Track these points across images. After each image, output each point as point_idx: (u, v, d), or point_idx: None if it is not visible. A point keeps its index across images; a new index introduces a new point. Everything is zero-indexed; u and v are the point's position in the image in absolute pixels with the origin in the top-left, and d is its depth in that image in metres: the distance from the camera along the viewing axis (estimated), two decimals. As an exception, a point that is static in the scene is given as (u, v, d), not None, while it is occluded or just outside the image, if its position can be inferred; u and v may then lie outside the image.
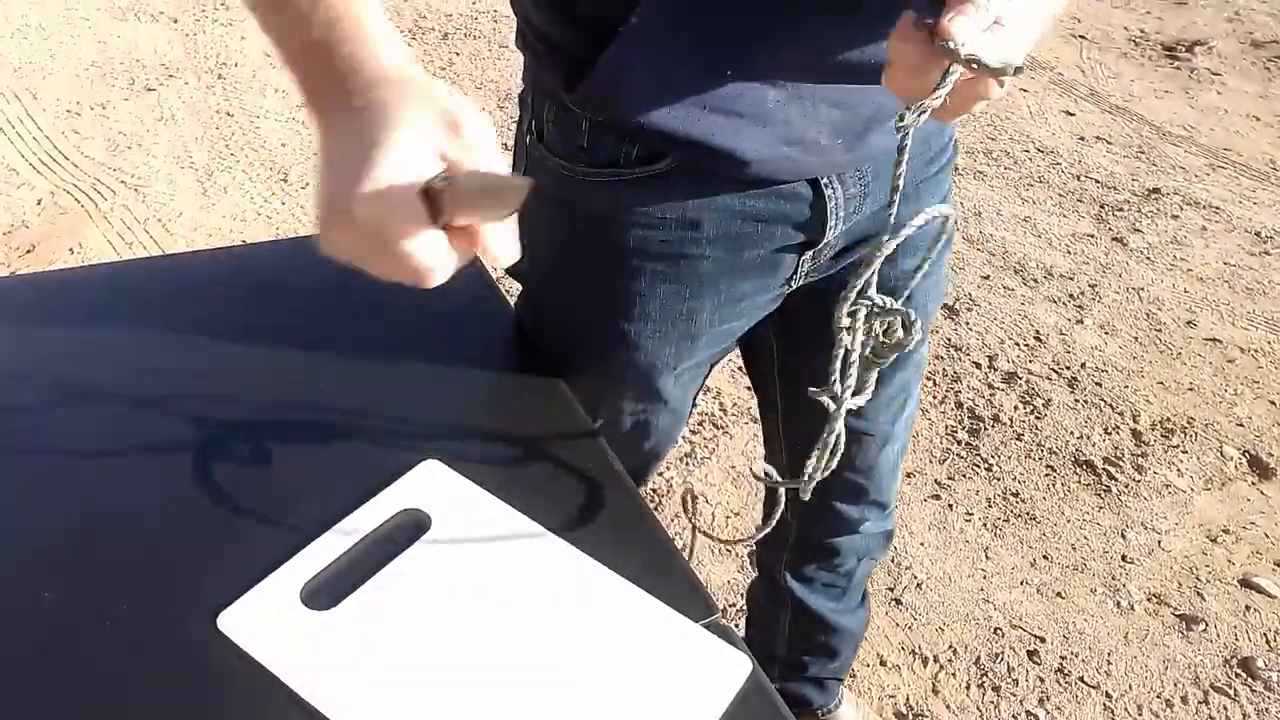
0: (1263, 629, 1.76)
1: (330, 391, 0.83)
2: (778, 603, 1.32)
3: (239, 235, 2.59)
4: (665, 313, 0.89)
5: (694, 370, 0.99)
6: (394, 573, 0.67)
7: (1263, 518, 1.98)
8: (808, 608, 1.29)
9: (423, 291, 0.56)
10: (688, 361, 0.95)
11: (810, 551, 1.24)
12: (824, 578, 1.27)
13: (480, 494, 0.73)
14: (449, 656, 0.62)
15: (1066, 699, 1.63)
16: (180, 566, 0.67)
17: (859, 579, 1.32)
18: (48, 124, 3.01)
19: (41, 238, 2.53)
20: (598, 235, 0.87)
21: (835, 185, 0.84)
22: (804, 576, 1.28)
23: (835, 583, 1.29)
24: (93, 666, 0.61)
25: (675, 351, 0.92)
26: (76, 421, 0.78)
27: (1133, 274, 2.67)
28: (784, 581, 1.29)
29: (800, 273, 0.91)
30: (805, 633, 1.34)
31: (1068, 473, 2.05)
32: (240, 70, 3.37)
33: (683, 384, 0.99)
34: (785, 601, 1.30)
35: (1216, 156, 3.25)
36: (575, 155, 0.83)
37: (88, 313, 0.90)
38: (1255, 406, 2.25)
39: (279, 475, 0.75)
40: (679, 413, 1.03)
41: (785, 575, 1.28)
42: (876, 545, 1.24)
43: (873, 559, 1.28)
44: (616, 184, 0.83)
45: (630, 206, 0.84)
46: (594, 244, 0.87)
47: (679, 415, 1.04)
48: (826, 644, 1.36)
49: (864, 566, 1.29)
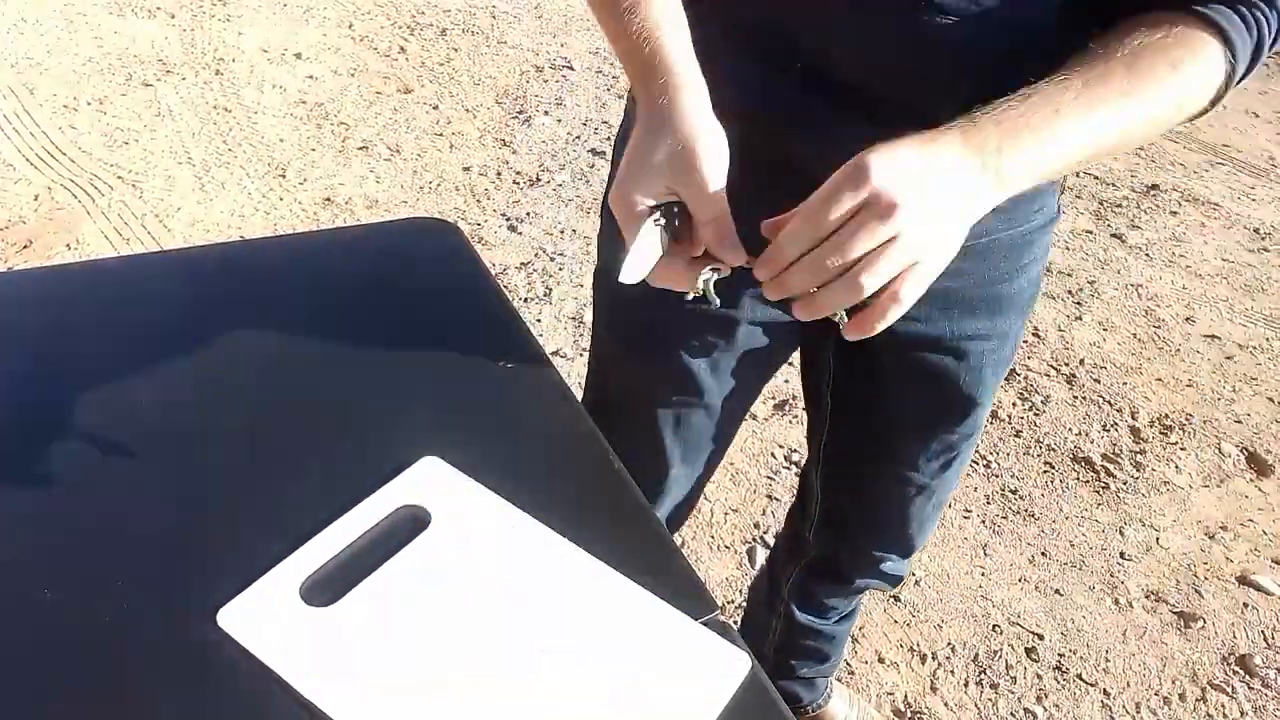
0: (1261, 626, 1.76)
1: (330, 388, 0.83)
2: (772, 610, 1.34)
3: (237, 231, 2.58)
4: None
5: (730, 366, 0.96)
6: (393, 569, 0.67)
7: (1261, 515, 1.98)
8: (800, 621, 1.31)
9: (422, 290, 0.56)
10: (724, 350, 0.94)
11: (822, 576, 1.25)
12: (828, 600, 1.28)
13: (480, 490, 0.72)
14: (448, 652, 0.62)
15: (1064, 696, 1.63)
16: (180, 562, 0.67)
17: (856, 603, 1.33)
18: (45, 119, 3.00)
19: (38, 233, 2.52)
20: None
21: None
22: (807, 596, 1.29)
23: (836, 605, 1.30)
24: (93, 663, 0.61)
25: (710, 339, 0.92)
26: (74, 418, 0.77)
27: (1131, 270, 2.67)
28: (784, 595, 1.30)
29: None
30: (795, 639, 1.35)
31: (1066, 469, 2.05)
32: (238, 66, 3.37)
33: (720, 380, 0.97)
34: (780, 611, 1.32)
35: (1215, 153, 3.25)
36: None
37: (85, 309, 0.90)
38: (1254, 403, 2.25)
39: (279, 471, 0.75)
40: (715, 418, 1.00)
41: (787, 591, 1.29)
42: (884, 584, 1.23)
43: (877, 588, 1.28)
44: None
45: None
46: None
47: (715, 422, 1.01)
48: (816, 649, 1.37)
49: (861, 597, 1.31)
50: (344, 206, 2.71)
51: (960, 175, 0.59)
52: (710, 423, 1.01)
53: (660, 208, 0.64)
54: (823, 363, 1.03)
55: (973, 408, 0.97)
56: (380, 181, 2.83)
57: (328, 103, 3.20)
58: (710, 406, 0.99)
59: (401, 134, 3.05)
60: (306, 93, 3.25)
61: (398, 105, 3.18)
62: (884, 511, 1.09)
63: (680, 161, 0.62)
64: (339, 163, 2.90)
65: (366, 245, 1.06)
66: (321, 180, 2.81)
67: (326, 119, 3.11)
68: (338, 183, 2.81)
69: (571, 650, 0.63)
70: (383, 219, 2.63)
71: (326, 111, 3.15)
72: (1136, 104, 0.63)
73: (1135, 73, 0.63)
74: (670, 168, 0.63)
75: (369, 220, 2.62)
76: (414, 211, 2.70)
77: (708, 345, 0.93)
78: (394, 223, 1.14)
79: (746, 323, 0.91)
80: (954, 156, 0.59)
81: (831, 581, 1.24)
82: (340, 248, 1.06)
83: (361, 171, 2.87)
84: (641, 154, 0.64)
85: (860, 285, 0.58)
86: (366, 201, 2.74)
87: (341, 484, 0.72)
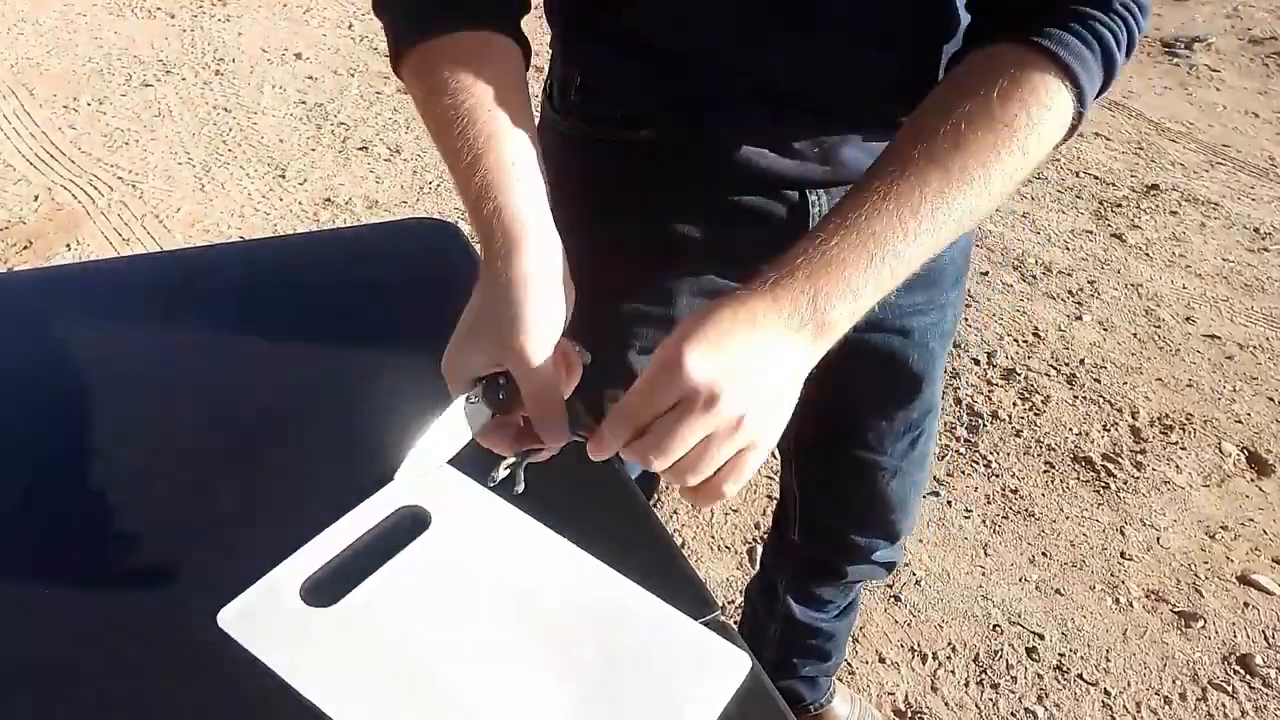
0: (1261, 626, 1.76)
1: (330, 387, 0.83)
2: (769, 611, 1.34)
3: (237, 231, 2.58)
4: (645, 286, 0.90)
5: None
6: (393, 570, 0.66)
7: (1261, 514, 1.98)
8: (798, 618, 1.31)
9: (423, 290, 0.56)
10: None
11: (816, 572, 1.26)
12: (824, 594, 1.29)
13: (480, 491, 0.72)
14: (448, 654, 0.62)
15: (1065, 696, 1.63)
16: (180, 563, 0.67)
17: (853, 598, 1.34)
18: (45, 120, 3.00)
19: (38, 234, 2.52)
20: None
21: (821, 196, 0.85)
22: (803, 593, 1.29)
23: (833, 599, 1.30)
24: (93, 663, 0.61)
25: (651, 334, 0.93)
26: (74, 418, 0.77)
27: (1131, 270, 2.67)
28: (780, 594, 1.30)
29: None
30: (795, 638, 1.35)
31: (1066, 469, 2.05)
32: (238, 66, 3.37)
33: None
34: (777, 612, 1.32)
35: (1215, 153, 3.25)
36: (568, 111, 0.86)
37: (85, 309, 0.90)
38: (1254, 403, 2.25)
39: (278, 472, 0.75)
40: None
41: (783, 590, 1.30)
42: (879, 572, 1.24)
43: (872, 579, 1.30)
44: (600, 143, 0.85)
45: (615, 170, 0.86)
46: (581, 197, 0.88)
47: None
48: (817, 647, 1.37)
49: (860, 587, 1.32)
50: (344, 207, 2.71)
51: (778, 339, 0.57)
52: None
53: (484, 380, 0.61)
54: None
55: (926, 383, 1.00)
56: (380, 182, 2.83)
57: (328, 103, 3.20)
58: None
59: (401, 134, 3.05)
60: (306, 93, 3.25)
61: (398, 105, 3.18)
62: (860, 499, 1.10)
63: (507, 331, 0.58)
64: (339, 163, 2.90)
65: (366, 245, 1.06)
66: (321, 180, 2.82)
67: (326, 119, 3.11)
68: (338, 183, 2.81)
69: (571, 650, 0.63)
70: (383, 219, 2.63)
71: (326, 111, 3.15)
72: (970, 188, 0.60)
73: (964, 148, 0.60)
74: (497, 338, 0.59)
75: (369, 220, 2.62)
76: (414, 211, 2.70)
77: (649, 340, 0.94)
78: (394, 223, 1.14)
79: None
80: (767, 320, 0.57)
81: (825, 576, 1.25)
82: (340, 248, 1.06)
83: (361, 172, 2.87)
84: (471, 318, 0.61)
85: (686, 480, 0.57)
86: (366, 202, 2.75)
87: (341, 484, 0.72)
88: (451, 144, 0.63)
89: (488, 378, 0.61)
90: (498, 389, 0.61)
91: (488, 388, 0.61)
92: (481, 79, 0.64)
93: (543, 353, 0.59)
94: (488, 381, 0.61)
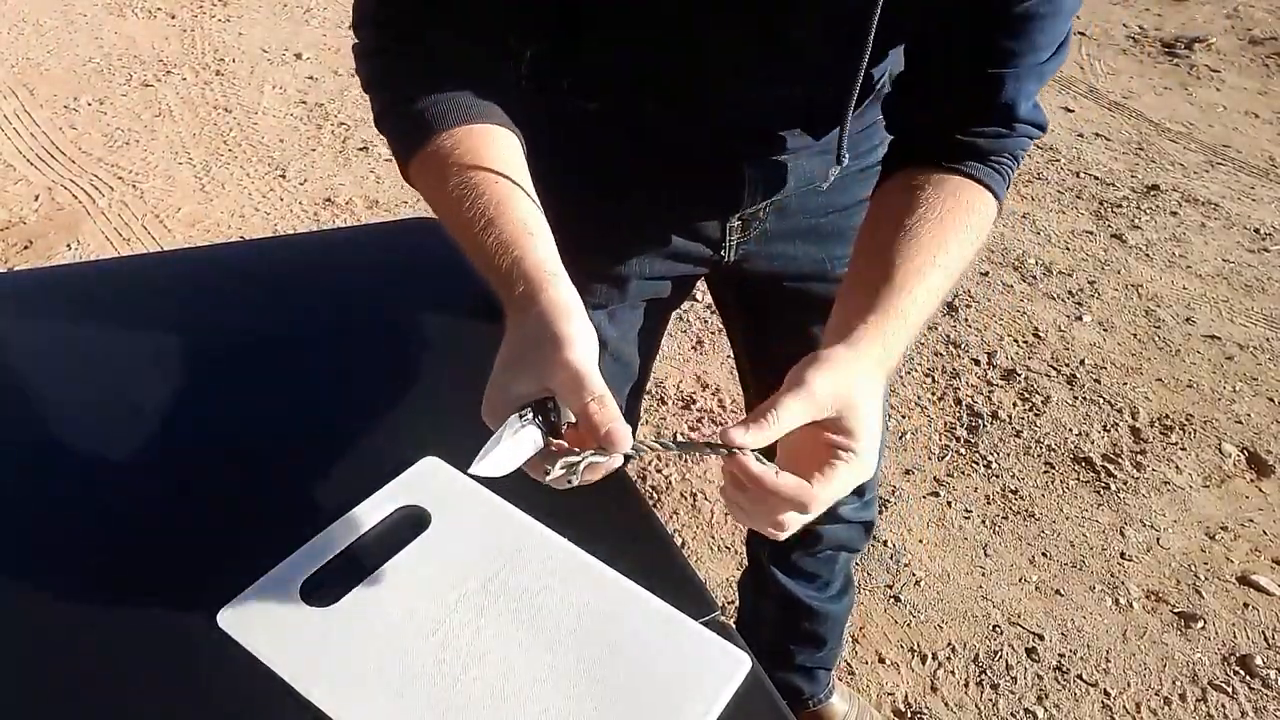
0: (1261, 626, 1.76)
1: (330, 387, 0.83)
2: (762, 591, 1.36)
3: (237, 231, 2.59)
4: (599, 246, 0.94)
5: (630, 315, 1.02)
6: (393, 569, 0.67)
7: (1261, 515, 1.98)
8: (791, 595, 1.32)
9: (423, 290, 0.56)
10: (619, 303, 0.99)
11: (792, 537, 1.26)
12: (807, 565, 1.31)
13: (480, 491, 0.72)
14: (448, 653, 0.62)
15: (1065, 696, 1.63)
16: (179, 563, 0.67)
17: (840, 569, 1.35)
18: (45, 120, 3.00)
19: (39, 233, 2.52)
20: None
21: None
22: (787, 564, 1.31)
23: (818, 571, 1.32)
24: (92, 663, 0.61)
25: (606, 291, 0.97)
26: (74, 418, 0.77)
27: (1131, 271, 2.67)
28: (768, 568, 1.32)
29: (730, 242, 0.97)
30: (790, 620, 1.36)
31: (1066, 470, 2.05)
32: (238, 66, 3.37)
33: (620, 328, 1.02)
34: (769, 589, 1.34)
35: (1215, 153, 3.25)
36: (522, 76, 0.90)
37: (85, 309, 0.90)
38: (1254, 403, 2.25)
39: (279, 472, 0.75)
40: (624, 363, 1.05)
41: (769, 563, 1.32)
42: (856, 535, 1.27)
43: (854, 550, 1.31)
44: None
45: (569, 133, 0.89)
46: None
47: (625, 366, 1.06)
48: (811, 631, 1.38)
49: (844, 558, 1.33)
50: (344, 207, 2.72)
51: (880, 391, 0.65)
52: (620, 368, 1.05)
53: (532, 405, 0.60)
54: (730, 308, 1.12)
55: None
56: (380, 182, 2.83)
57: (328, 103, 3.20)
58: (617, 354, 1.03)
59: (401, 134, 3.04)
60: (306, 93, 3.26)
61: (398, 105, 3.18)
62: None
63: (550, 350, 0.59)
64: (339, 163, 2.91)
65: (367, 245, 1.06)
66: (321, 180, 2.82)
67: (326, 119, 3.12)
68: (338, 183, 2.81)
69: (572, 650, 0.63)
70: (383, 219, 2.63)
71: (326, 111, 3.15)
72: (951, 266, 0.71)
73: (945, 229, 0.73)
74: (540, 359, 0.60)
75: (369, 220, 2.62)
76: (414, 211, 2.70)
77: (603, 297, 0.98)
78: (394, 223, 1.14)
79: (637, 278, 0.98)
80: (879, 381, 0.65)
81: (805, 542, 1.26)
82: (340, 248, 1.06)
83: (362, 172, 2.87)
84: (508, 356, 0.62)
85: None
86: (367, 202, 2.75)
87: (341, 484, 0.72)
88: (463, 216, 0.67)
89: (534, 404, 0.60)
90: (547, 410, 0.60)
91: (537, 408, 0.60)
92: (485, 159, 0.69)
93: (590, 362, 0.59)
94: (536, 404, 0.60)
